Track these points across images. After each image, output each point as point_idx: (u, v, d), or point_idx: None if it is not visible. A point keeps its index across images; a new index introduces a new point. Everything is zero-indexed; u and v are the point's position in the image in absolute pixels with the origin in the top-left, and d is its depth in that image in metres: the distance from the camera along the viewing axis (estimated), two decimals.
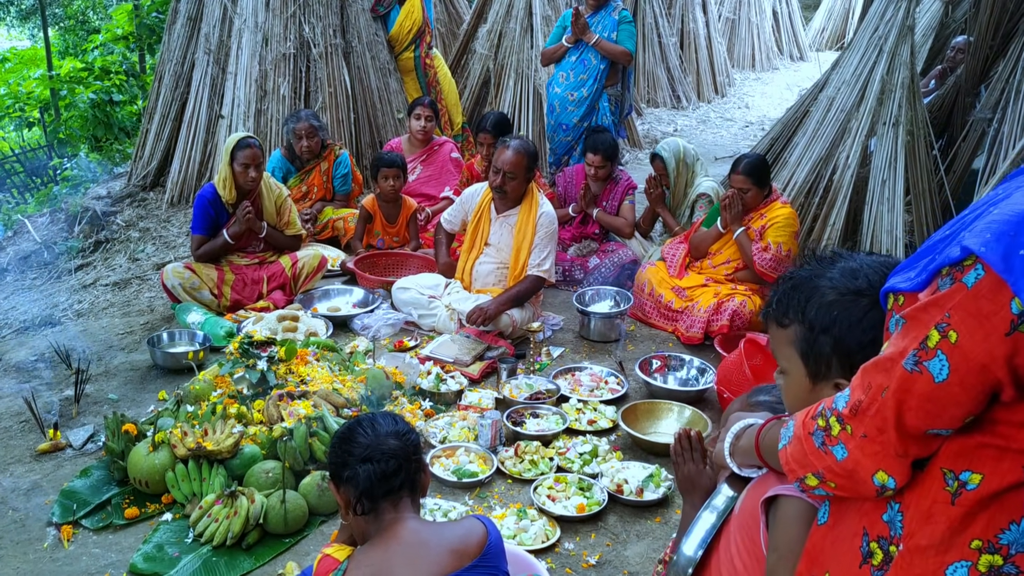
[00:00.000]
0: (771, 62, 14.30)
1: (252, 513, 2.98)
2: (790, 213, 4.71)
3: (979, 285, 1.13)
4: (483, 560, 2.01)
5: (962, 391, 1.17)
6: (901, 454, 1.25)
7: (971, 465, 1.21)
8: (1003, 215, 1.14)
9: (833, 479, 1.34)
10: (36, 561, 2.90)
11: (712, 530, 1.85)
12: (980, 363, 1.14)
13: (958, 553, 1.21)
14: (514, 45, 7.69)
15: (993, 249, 1.12)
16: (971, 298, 1.14)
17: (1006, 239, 1.12)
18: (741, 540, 1.76)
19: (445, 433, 3.68)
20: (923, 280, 1.23)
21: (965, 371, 1.16)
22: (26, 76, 11.92)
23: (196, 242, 4.82)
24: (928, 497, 1.25)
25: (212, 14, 6.61)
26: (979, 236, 1.14)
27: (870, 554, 1.33)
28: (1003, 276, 1.11)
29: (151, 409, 3.85)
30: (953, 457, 1.23)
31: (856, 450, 1.29)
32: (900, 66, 5.13)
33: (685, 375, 4.27)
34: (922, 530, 1.25)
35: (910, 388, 1.21)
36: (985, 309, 1.13)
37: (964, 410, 1.19)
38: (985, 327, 1.13)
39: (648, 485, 3.30)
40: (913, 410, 1.21)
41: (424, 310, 4.69)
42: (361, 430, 2.09)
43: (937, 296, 1.19)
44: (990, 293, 1.12)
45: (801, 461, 1.40)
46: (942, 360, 1.17)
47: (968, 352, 1.15)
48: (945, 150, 5.99)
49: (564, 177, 5.82)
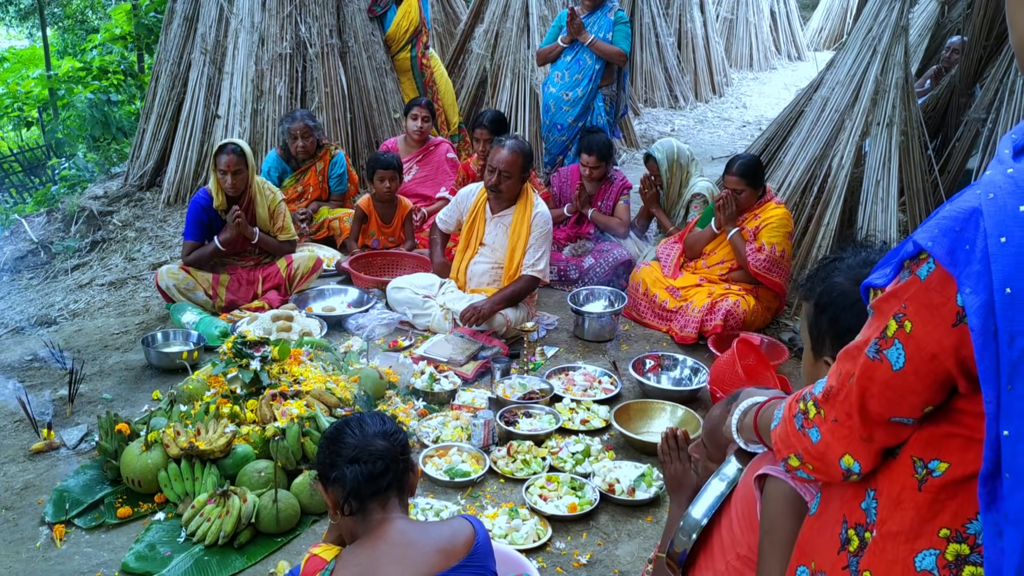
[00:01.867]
0: (769, 62, 14.30)
1: (244, 512, 2.98)
2: (784, 213, 4.72)
3: (930, 278, 1.18)
4: (471, 560, 2.02)
5: (917, 380, 1.22)
6: (865, 438, 1.30)
7: (939, 454, 1.25)
8: (951, 211, 1.19)
9: (810, 460, 1.40)
10: (29, 560, 2.91)
11: (720, 497, 1.92)
12: (931, 352, 1.19)
13: (927, 541, 1.25)
14: (510, 45, 7.69)
15: (940, 243, 1.17)
16: (923, 290, 1.19)
17: (952, 234, 1.16)
18: (740, 510, 1.83)
19: (438, 432, 3.69)
20: (891, 275, 1.28)
21: (919, 360, 1.20)
22: (24, 76, 11.95)
23: (187, 248, 4.81)
24: (898, 484, 1.29)
25: (208, 14, 6.62)
26: (928, 231, 1.19)
27: (847, 540, 1.37)
28: (949, 270, 1.15)
29: (145, 409, 3.86)
30: (923, 446, 1.27)
31: (827, 433, 1.35)
32: (894, 66, 5.14)
33: (678, 375, 4.28)
34: (893, 516, 1.29)
35: (872, 375, 1.26)
36: (935, 301, 1.17)
37: (921, 399, 1.23)
38: (935, 318, 1.18)
39: (640, 484, 3.31)
40: (875, 397, 1.26)
41: (419, 310, 4.70)
42: (349, 431, 2.09)
43: (896, 288, 1.24)
44: (939, 286, 1.17)
45: (785, 442, 1.45)
46: (899, 349, 1.22)
47: (920, 342, 1.20)
48: (939, 150, 6.00)
49: (559, 177, 5.83)
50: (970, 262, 1.13)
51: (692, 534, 1.92)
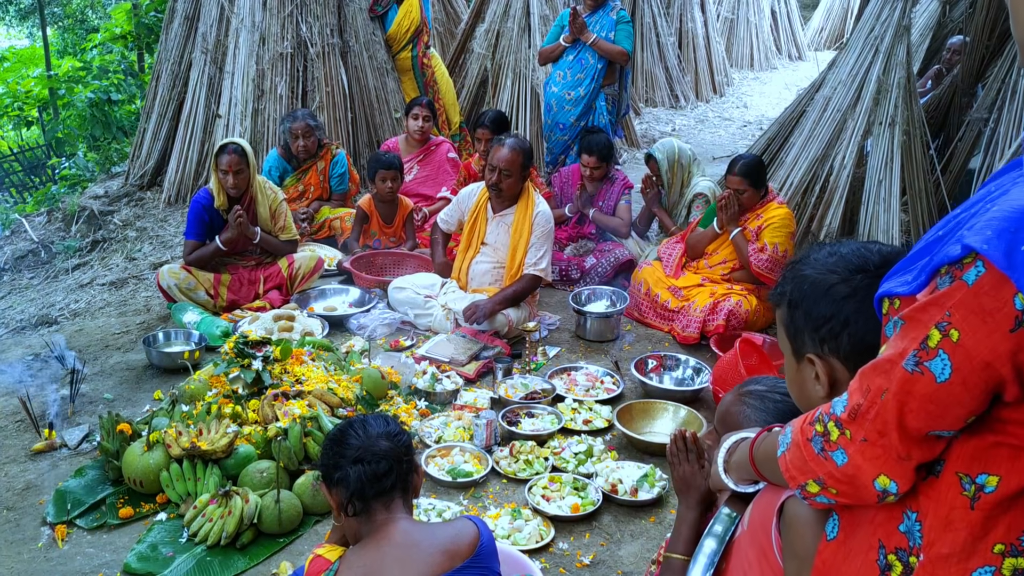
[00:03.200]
0: (769, 62, 14.31)
1: (246, 513, 2.98)
2: (786, 213, 4.72)
3: (980, 282, 1.12)
4: (475, 561, 2.01)
5: (964, 390, 1.15)
6: (904, 457, 1.23)
7: (986, 467, 1.20)
8: (1003, 211, 1.14)
9: (834, 485, 1.32)
10: (30, 560, 2.90)
11: (715, 555, 1.85)
12: (984, 360, 1.13)
13: (981, 559, 1.19)
14: (512, 45, 7.69)
15: (995, 246, 1.11)
16: (972, 295, 1.13)
17: (1008, 235, 1.11)
18: (754, 555, 1.74)
19: (440, 433, 3.68)
20: (923, 281, 1.21)
21: (968, 370, 1.14)
22: (24, 75, 11.94)
23: (188, 247, 4.81)
24: (946, 504, 1.23)
25: (209, 13, 6.62)
26: (980, 233, 1.13)
27: (888, 567, 1.30)
28: (1006, 272, 1.10)
29: (146, 409, 3.85)
30: (968, 460, 1.22)
31: (856, 455, 1.27)
32: (896, 66, 5.14)
33: (681, 375, 4.27)
34: (943, 538, 1.22)
35: (911, 389, 1.19)
36: (988, 306, 1.12)
37: (967, 410, 1.17)
38: (988, 324, 1.12)
39: (643, 485, 3.30)
40: (915, 412, 1.19)
41: (420, 310, 4.69)
42: (352, 431, 2.09)
43: (937, 295, 1.17)
44: (992, 290, 1.11)
45: (801, 467, 1.37)
46: (944, 360, 1.15)
47: (971, 350, 1.13)
48: (941, 150, 5.99)
49: (560, 177, 5.83)
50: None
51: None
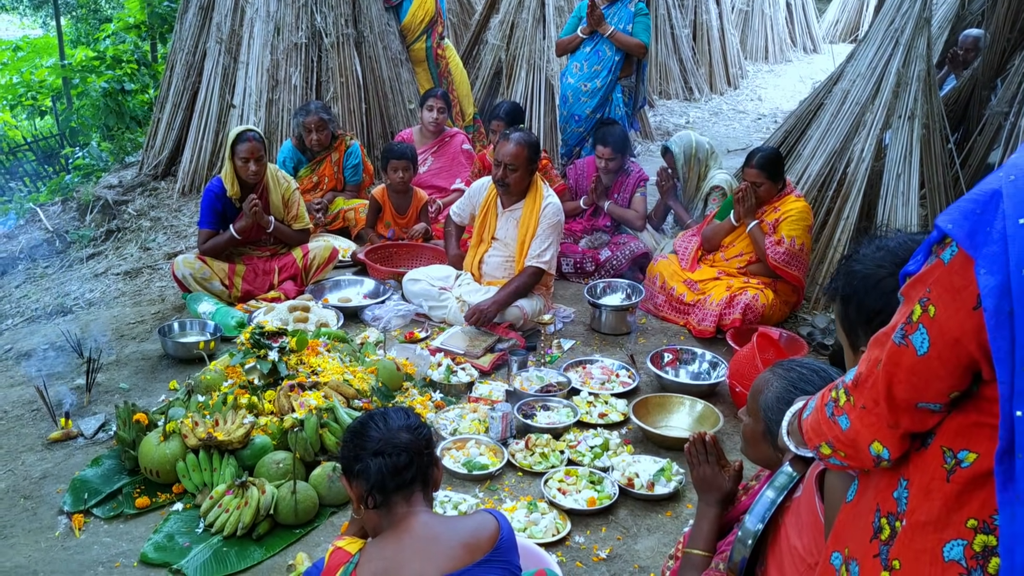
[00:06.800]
0: (784, 54, 14.22)
1: (263, 504, 2.97)
2: (804, 207, 4.68)
3: (953, 261, 1.18)
4: (495, 555, 2.00)
5: (940, 365, 1.21)
6: (892, 425, 1.30)
7: (968, 444, 1.25)
8: (972, 194, 1.20)
9: (841, 448, 1.41)
10: (47, 549, 2.91)
11: (772, 505, 1.94)
12: (954, 336, 1.19)
13: (954, 531, 1.24)
14: (526, 36, 7.64)
15: (960, 226, 1.17)
16: (946, 274, 1.20)
17: (973, 216, 1.17)
18: (805, 518, 1.83)
19: (456, 425, 3.67)
20: (921, 260, 1.28)
21: (942, 344, 1.20)
22: (38, 65, 11.96)
23: (202, 236, 4.80)
24: (928, 474, 1.29)
25: (224, 3, 6.60)
26: (949, 215, 1.20)
27: (880, 529, 1.37)
28: (969, 252, 1.16)
29: (162, 399, 3.85)
30: (952, 436, 1.27)
31: (856, 420, 1.35)
32: (916, 59, 5.08)
33: (697, 369, 4.25)
34: (921, 506, 1.29)
35: (898, 361, 1.26)
36: (957, 284, 1.18)
37: (946, 384, 1.23)
38: (957, 301, 1.18)
39: (659, 479, 3.28)
40: (901, 382, 1.26)
41: (435, 302, 4.68)
42: (373, 424, 2.08)
43: (921, 273, 1.25)
44: (961, 269, 1.17)
45: (816, 430, 1.46)
46: (923, 333, 1.22)
47: (943, 325, 1.20)
48: (961, 144, 5.94)
49: (575, 169, 5.80)
50: (988, 243, 1.13)
51: (748, 541, 1.94)
